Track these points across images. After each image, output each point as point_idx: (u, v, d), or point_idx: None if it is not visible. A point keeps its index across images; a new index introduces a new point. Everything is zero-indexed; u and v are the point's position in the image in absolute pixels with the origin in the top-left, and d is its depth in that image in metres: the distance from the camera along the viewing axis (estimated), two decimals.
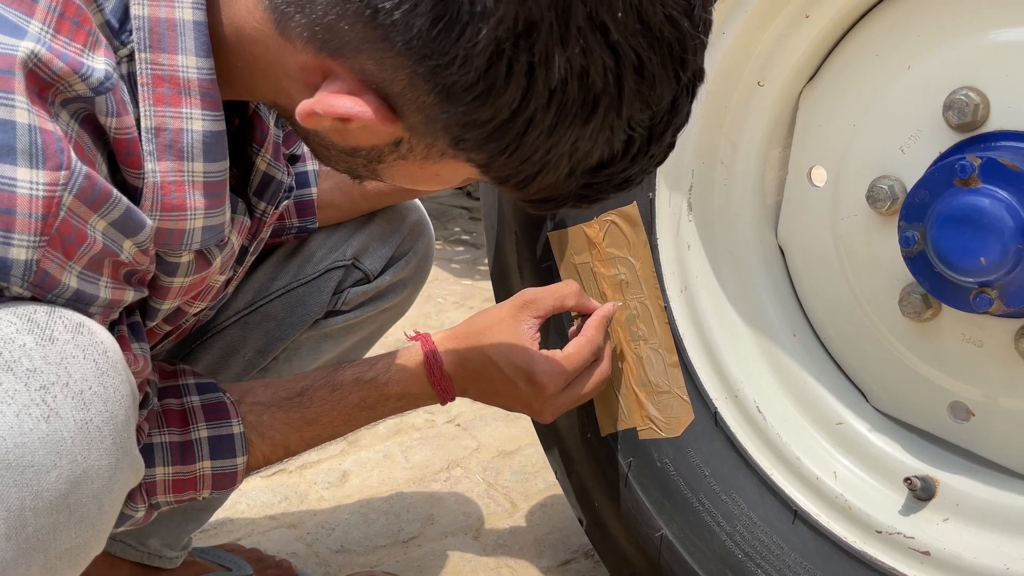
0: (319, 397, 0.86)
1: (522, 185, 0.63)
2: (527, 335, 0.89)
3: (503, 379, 0.88)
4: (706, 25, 0.60)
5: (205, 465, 0.80)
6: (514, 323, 0.90)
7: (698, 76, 0.61)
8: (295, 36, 0.60)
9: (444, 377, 0.89)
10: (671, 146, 0.63)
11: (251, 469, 0.84)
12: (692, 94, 0.61)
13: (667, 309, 0.95)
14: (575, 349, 0.90)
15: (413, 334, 0.91)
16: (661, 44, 0.57)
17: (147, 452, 0.78)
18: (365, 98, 0.59)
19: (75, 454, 0.52)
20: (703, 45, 0.60)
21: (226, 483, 0.82)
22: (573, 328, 0.95)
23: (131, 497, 0.77)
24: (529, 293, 0.93)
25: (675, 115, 0.61)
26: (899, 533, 0.83)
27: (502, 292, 1.09)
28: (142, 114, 0.61)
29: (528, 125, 0.57)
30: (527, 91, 0.55)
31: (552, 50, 0.54)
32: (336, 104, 0.59)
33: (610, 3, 0.54)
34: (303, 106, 0.60)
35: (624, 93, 0.57)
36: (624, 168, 0.62)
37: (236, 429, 0.81)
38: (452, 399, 0.90)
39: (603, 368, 0.92)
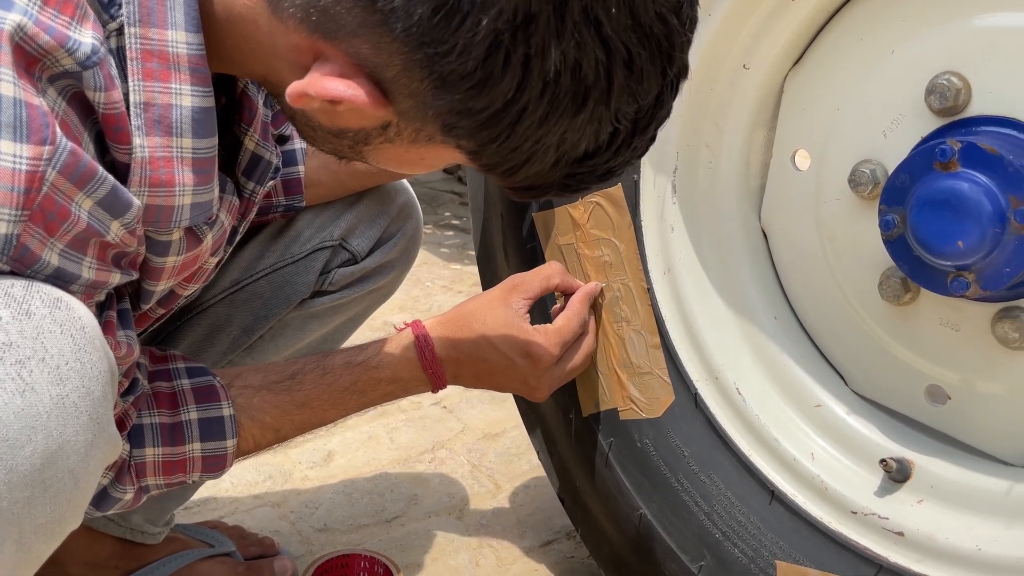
0: (309, 380, 0.86)
1: (509, 173, 0.64)
2: (519, 314, 0.90)
3: (499, 357, 0.89)
4: (692, 22, 0.61)
5: (195, 447, 0.80)
6: (504, 305, 0.91)
7: (683, 72, 0.62)
8: (287, 16, 0.60)
9: (436, 360, 0.89)
10: (653, 139, 0.65)
11: (242, 453, 0.84)
12: (676, 89, 0.62)
13: (650, 291, 0.95)
14: (564, 322, 0.92)
15: (402, 326, 0.91)
16: (651, 40, 0.58)
17: (137, 433, 0.78)
18: (357, 81, 0.59)
19: (50, 429, 0.52)
20: (689, 42, 0.61)
21: (216, 466, 0.82)
22: (556, 307, 0.96)
23: (119, 479, 0.77)
24: (516, 277, 0.94)
25: (659, 109, 0.62)
26: (874, 514, 0.84)
27: (487, 273, 1.10)
28: (131, 89, 0.61)
29: (521, 115, 0.58)
30: (522, 82, 0.56)
31: (548, 43, 0.55)
32: (329, 87, 0.59)
33: None
34: (294, 87, 0.60)
35: (613, 86, 0.58)
36: (608, 159, 0.63)
37: (226, 411, 0.81)
38: (443, 385, 0.90)
39: (589, 341, 0.95)
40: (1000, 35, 0.76)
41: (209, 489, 1.29)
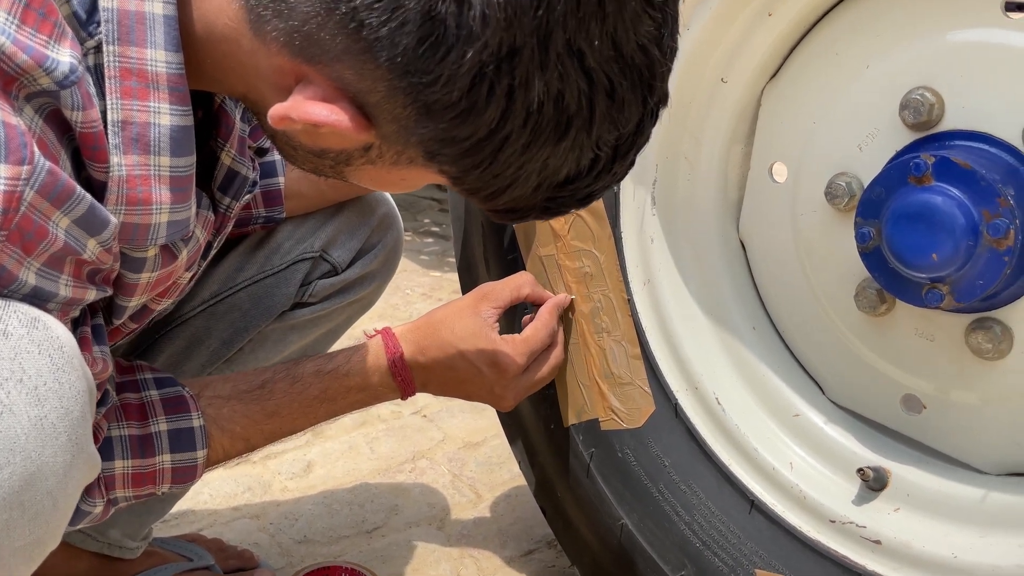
0: (279, 390, 0.86)
1: (491, 197, 0.64)
2: (487, 324, 0.91)
3: (466, 365, 0.90)
4: (673, 52, 0.62)
5: (165, 459, 0.80)
6: (473, 314, 0.92)
7: (663, 100, 0.63)
8: (270, 39, 0.60)
9: (405, 368, 0.89)
10: (632, 164, 0.66)
11: (211, 463, 0.83)
12: (656, 117, 0.64)
13: (630, 302, 0.96)
14: (532, 332, 0.93)
15: (373, 333, 0.92)
16: (632, 70, 0.59)
17: (106, 445, 0.77)
18: (340, 105, 0.59)
19: (29, 451, 0.52)
20: (669, 71, 0.62)
21: (186, 477, 0.82)
22: (527, 317, 0.97)
23: (89, 492, 0.77)
24: (487, 287, 0.96)
25: (639, 136, 0.63)
26: (852, 523, 0.85)
27: (468, 283, 1.10)
28: (109, 107, 0.61)
29: (504, 143, 0.59)
30: (506, 112, 0.57)
31: (532, 74, 0.56)
32: (312, 111, 0.59)
33: (587, 31, 0.56)
34: (276, 110, 0.60)
35: (595, 116, 0.59)
36: (588, 184, 0.64)
37: (196, 422, 0.81)
38: (413, 392, 0.91)
39: (557, 352, 0.96)
40: (973, 51, 0.77)
41: (187, 502, 1.28)
